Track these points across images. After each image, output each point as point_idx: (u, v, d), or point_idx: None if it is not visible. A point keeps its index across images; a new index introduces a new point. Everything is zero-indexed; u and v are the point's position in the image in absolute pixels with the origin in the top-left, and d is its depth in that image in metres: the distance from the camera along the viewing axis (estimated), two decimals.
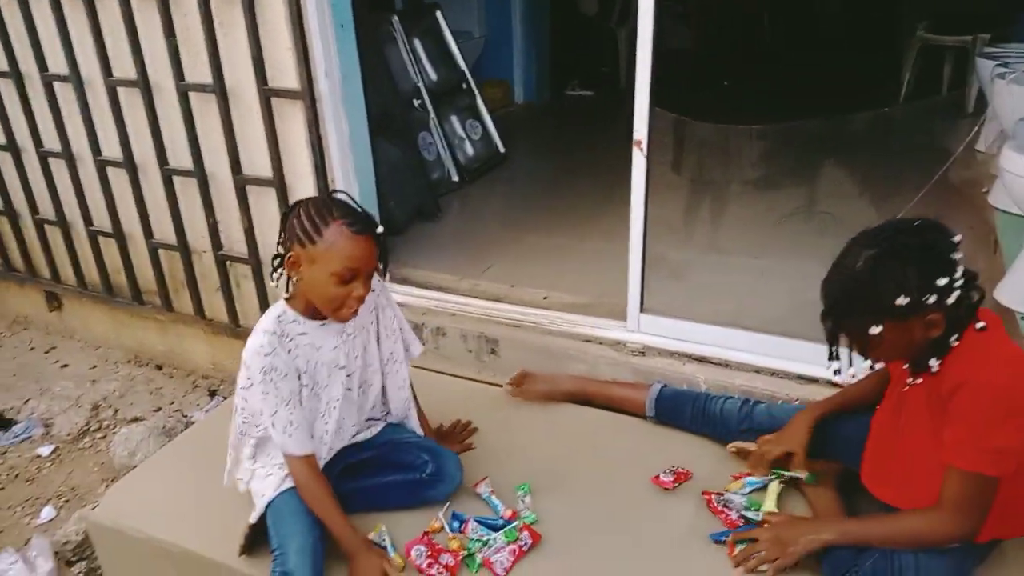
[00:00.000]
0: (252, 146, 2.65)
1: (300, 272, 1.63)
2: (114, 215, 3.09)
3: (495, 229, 3.54)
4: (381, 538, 1.79)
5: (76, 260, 3.36)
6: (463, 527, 1.80)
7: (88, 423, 3.09)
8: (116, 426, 3.06)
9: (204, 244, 2.94)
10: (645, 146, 2.20)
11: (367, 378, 1.88)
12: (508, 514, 1.83)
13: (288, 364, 1.67)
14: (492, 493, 1.90)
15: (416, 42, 3.99)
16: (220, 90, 2.57)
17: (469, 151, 4.17)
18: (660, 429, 2.16)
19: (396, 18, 3.87)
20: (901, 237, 1.39)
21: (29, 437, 3.02)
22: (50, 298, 3.67)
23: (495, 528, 1.79)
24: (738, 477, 1.91)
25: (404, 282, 2.82)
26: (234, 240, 2.87)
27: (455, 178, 4.02)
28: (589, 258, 3.11)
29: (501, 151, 4.39)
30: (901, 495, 1.60)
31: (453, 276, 2.89)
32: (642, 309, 2.40)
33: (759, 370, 2.26)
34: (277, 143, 2.58)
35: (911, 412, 1.56)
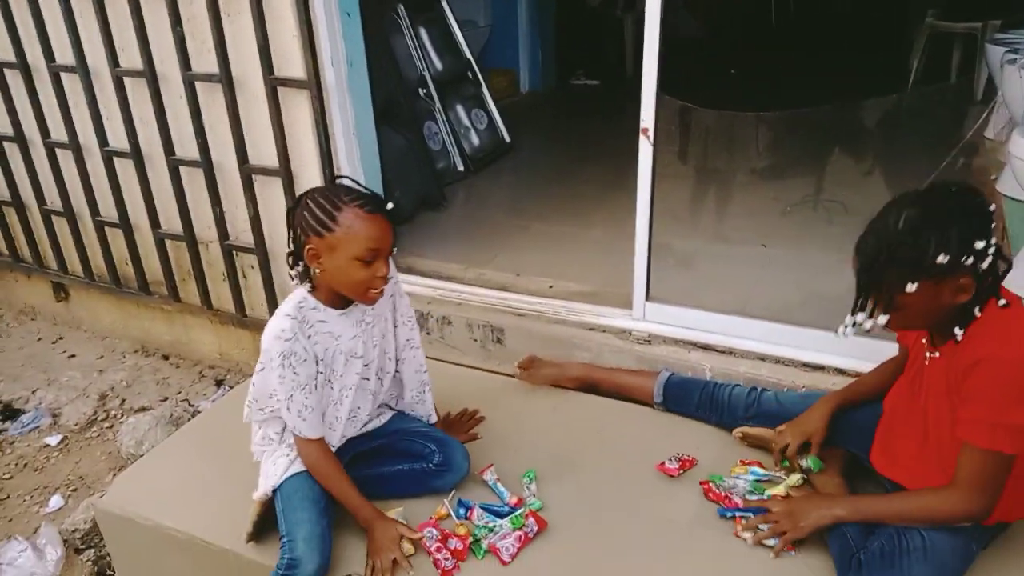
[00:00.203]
0: (258, 136, 2.65)
1: (321, 263, 1.61)
2: (121, 206, 3.10)
3: (501, 218, 3.55)
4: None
5: (83, 251, 3.37)
6: (469, 514, 1.81)
7: (96, 413, 3.11)
8: (123, 416, 3.07)
9: (211, 234, 2.94)
10: (652, 134, 2.20)
11: (383, 365, 1.88)
12: (514, 501, 1.84)
13: (307, 350, 1.66)
14: (498, 480, 1.91)
15: (421, 31, 3.99)
16: (226, 80, 2.57)
17: (475, 141, 4.17)
18: (665, 417, 2.17)
19: (401, 7, 3.86)
20: (943, 198, 1.39)
21: (37, 427, 3.04)
22: (57, 289, 3.68)
23: (500, 515, 1.79)
24: (744, 464, 1.92)
25: (410, 271, 2.83)
26: (240, 230, 2.87)
27: (461, 168, 4.02)
28: (595, 247, 3.11)
29: (507, 141, 4.39)
30: (913, 475, 1.60)
31: (459, 265, 2.90)
32: (648, 297, 2.40)
33: (764, 358, 2.26)
34: (283, 132, 2.58)
35: (929, 387, 1.55)
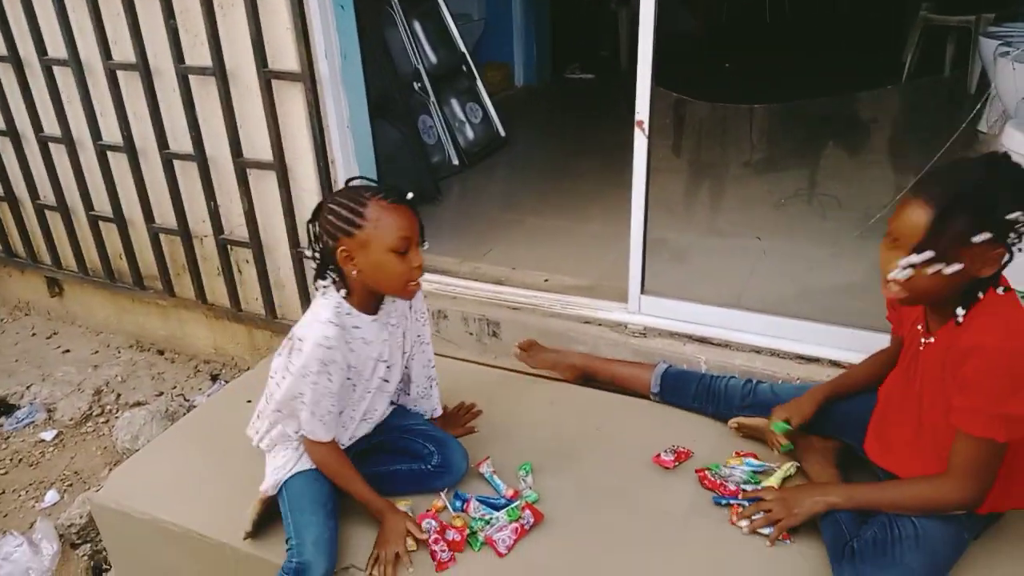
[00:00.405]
0: (252, 129, 2.64)
1: (356, 263, 1.60)
2: (115, 200, 3.09)
3: (496, 212, 3.54)
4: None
5: (77, 245, 3.36)
6: (465, 506, 1.81)
7: (91, 408, 3.10)
8: (119, 411, 3.07)
9: (205, 228, 2.94)
10: (646, 126, 2.20)
11: (398, 362, 1.88)
12: (510, 493, 1.84)
13: (345, 357, 1.66)
14: (494, 473, 1.91)
15: (416, 24, 3.98)
16: (220, 73, 2.56)
17: (469, 135, 4.16)
18: (661, 409, 2.17)
19: (395, 0, 3.85)
20: (1012, 167, 1.37)
21: (32, 422, 3.04)
22: (51, 284, 3.67)
23: (497, 507, 1.79)
24: (739, 455, 1.92)
25: None
26: (235, 224, 2.87)
27: (455, 162, 4.02)
28: (590, 240, 3.11)
29: (501, 135, 4.38)
30: (906, 463, 1.61)
31: (454, 259, 2.89)
32: (643, 290, 2.40)
33: (759, 350, 2.26)
34: (277, 126, 2.57)
35: (924, 374, 1.55)
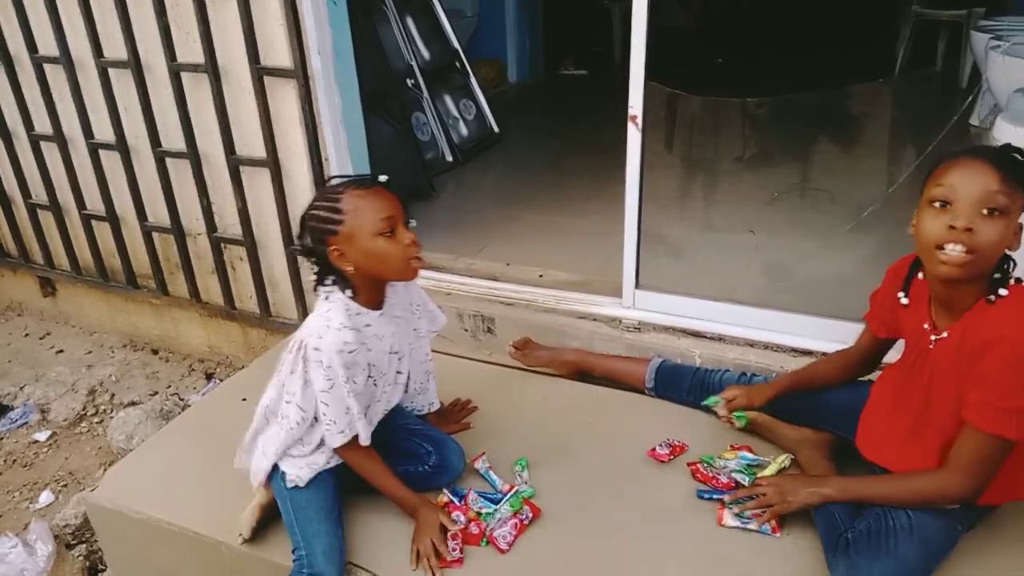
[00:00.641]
0: (245, 126, 2.63)
1: (349, 259, 1.60)
2: (107, 198, 3.07)
3: (490, 208, 3.54)
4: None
5: (69, 244, 3.35)
6: (463, 501, 1.81)
7: (85, 408, 3.09)
8: (113, 411, 3.06)
9: (198, 226, 2.93)
10: (640, 121, 2.20)
11: (407, 354, 1.87)
12: (506, 489, 1.84)
13: (365, 357, 1.66)
14: (490, 468, 1.91)
15: (408, 20, 3.97)
16: (212, 69, 2.55)
17: (463, 131, 4.15)
18: (656, 404, 2.17)
19: None
20: None
21: (26, 423, 3.02)
22: (44, 283, 3.65)
23: (494, 501, 1.79)
24: (734, 448, 1.93)
25: None
26: (228, 222, 2.86)
27: (449, 158, 4.01)
28: (584, 236, 3.11)
29: (495, 131, 4.38)
30: (898, 459, 1.61)
31: (448, 255, 2.89)
32: (637, 285, 2.40)
33: (753, 344, 2.27)
34: (270, 122, 2.56)
35: (934, 369, 1.52)
